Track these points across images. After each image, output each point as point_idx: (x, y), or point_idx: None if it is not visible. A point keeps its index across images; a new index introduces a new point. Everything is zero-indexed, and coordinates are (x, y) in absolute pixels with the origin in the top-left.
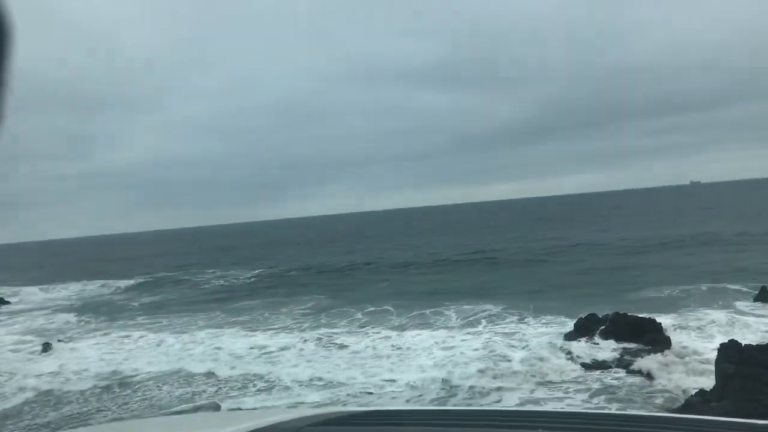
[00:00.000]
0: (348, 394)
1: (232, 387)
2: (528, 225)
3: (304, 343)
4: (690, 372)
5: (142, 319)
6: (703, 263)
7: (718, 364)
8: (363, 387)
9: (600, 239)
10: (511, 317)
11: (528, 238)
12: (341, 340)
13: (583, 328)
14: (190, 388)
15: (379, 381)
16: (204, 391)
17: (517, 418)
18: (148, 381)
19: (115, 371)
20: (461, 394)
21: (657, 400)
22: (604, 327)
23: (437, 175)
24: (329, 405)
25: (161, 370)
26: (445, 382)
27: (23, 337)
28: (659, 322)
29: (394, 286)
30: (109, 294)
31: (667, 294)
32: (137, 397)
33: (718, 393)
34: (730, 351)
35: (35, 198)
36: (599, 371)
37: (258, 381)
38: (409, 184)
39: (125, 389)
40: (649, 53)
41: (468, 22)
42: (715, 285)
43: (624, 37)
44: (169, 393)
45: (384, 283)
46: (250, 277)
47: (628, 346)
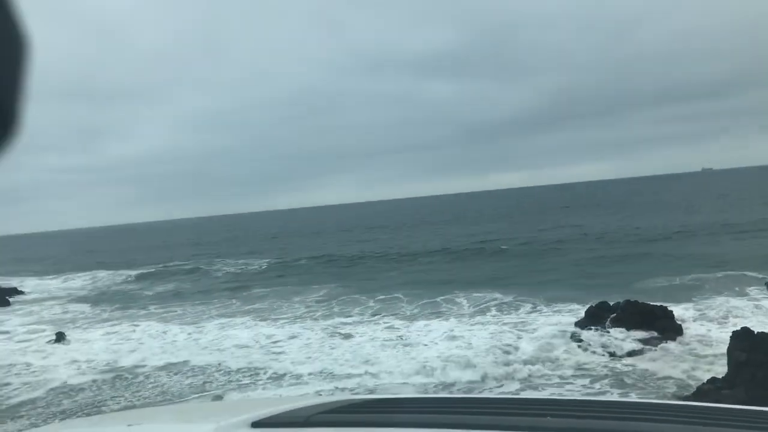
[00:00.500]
0: (357, 383)
1: (244, 374)
2: (538, 214)
3: (316, 333)
4: (702, 359)
5: (154, 308)
6: (718, 251)
7: (730, 351)
8: (373, 375)
9: (612, 227)
10: (521, 305)
11: (539, 226)
12: (352, 330)
13: (594, 316)
14: (202, 377)
15: (387, 369)
16: (215, 380)
17: (525, 406)
18: (159, 371)
19: (127, 360)
20: (471, 382)
21: (668, 387)
22: (615, 315)
23: (447, 165)
24: (338, 393)
25: (172, 359)
26: (455, 368)
27: (37, 326)
28: (671, 309)
29: (404, 275)
30: (122, 283)
31: (679, 282)
32: (149, 384)
33: (731, 381)
34: (743, 338)
35: (37, 192)
36: (610, 359)
37: (268, 370)
38: (419, 174)
39: (137, 377)
40: (660, 42)
41: (477, 12)
42: (730, 272)
43: (636, 25)
44: (179, 382)
45: (394, 272)
46: (261, 266)
47: (639, 334)
